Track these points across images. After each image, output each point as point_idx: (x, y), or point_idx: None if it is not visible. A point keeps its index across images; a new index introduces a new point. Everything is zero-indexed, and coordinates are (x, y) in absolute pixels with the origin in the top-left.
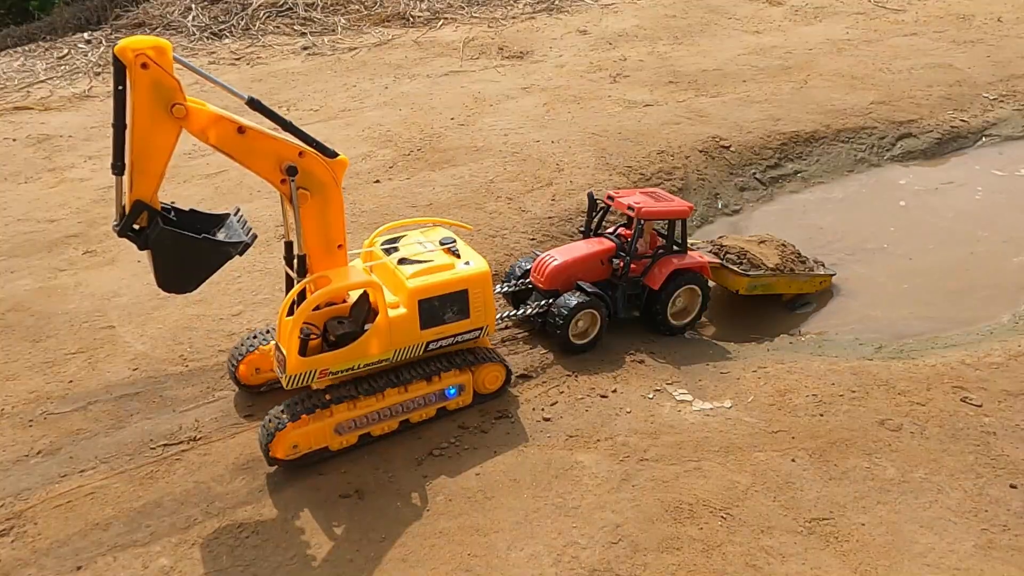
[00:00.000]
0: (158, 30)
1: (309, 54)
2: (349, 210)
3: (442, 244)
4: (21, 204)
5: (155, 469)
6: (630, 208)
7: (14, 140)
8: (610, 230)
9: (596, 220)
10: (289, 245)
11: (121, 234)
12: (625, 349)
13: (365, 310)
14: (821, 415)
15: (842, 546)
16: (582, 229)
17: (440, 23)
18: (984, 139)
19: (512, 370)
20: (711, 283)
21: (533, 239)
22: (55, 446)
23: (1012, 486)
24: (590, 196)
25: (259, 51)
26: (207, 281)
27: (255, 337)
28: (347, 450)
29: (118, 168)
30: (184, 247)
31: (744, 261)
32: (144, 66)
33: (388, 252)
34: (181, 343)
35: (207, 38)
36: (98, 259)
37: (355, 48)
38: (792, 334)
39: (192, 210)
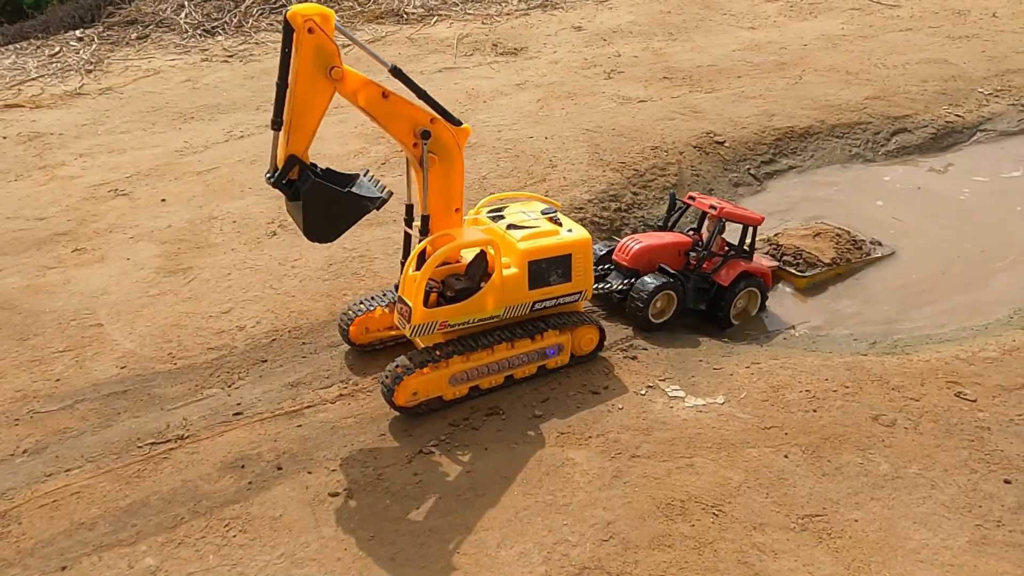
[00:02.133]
0: (151, 27)
1: None
2: None
3: (544, 214)
4: (11, 202)
5: (142, 468)
6: (712, 207)
7: (4, 138)
8: (687, 229)
9: (674, 219)
10: (410, 208)
11: (275, 185)
12: (618, 345)
13: (482, 268)
14: (814, 411)
15: (835, 542)
16: (660, 224)
17: (434, 20)
18: (979, 134)
19: (606, 334)
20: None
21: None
22: (41, 445)
23: (1006, 481)
24: (672, 196)
25: (252, 48)
26: (197, 279)
27: (363, 302)
28: (458, 400)
29: (277, 124)
30: (330, 199)
31: (800, 260)
32: (310, 31)
33: (495, 220)
34: (170, 341)
35: (200, 35)
36: (87, 257)
37: (349, 45)
38: (785, 330)
39: (328, 169)
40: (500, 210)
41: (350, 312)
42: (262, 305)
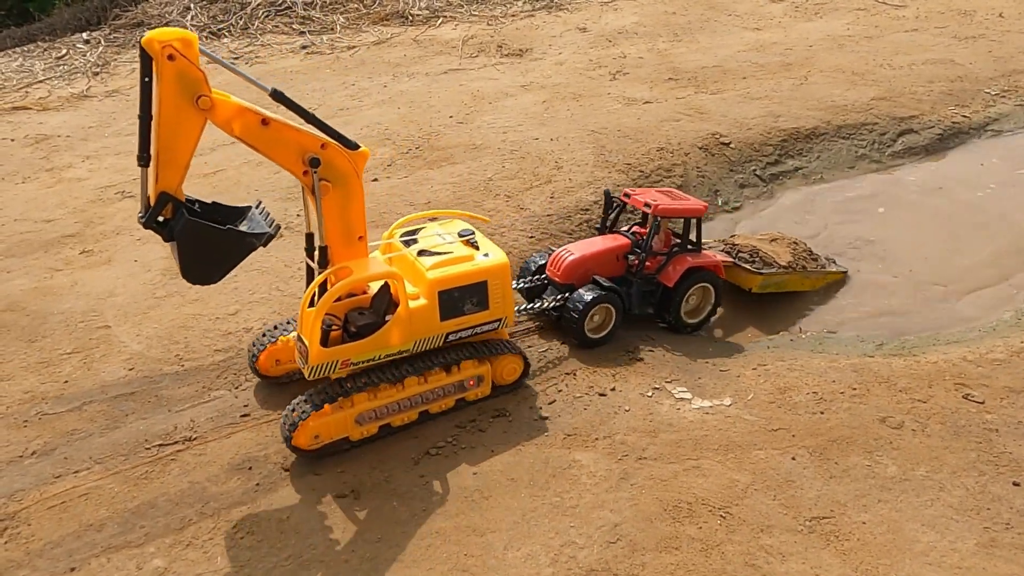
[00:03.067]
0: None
1: (308, 53)
2: None
3: (461, 236)
4: (18, 204)
5: (150, 469)
6: (647, 205)
7: (12, 140)
8: (624, 228)
9: (612, 217)
10: (310, 237)
11: (147, 225)
12: (624, 347)
13: (386, 301)
14: (821, 413)
15: (843, 545)
16: (598, 226)
17: (439, 21)
18: (986, 134)
19: (530, 362)
20: (724, 282)
21: (532, 237)
22: (49, 446)
23: (1015, 483)
24: (607, 194)
25: (258, 50)
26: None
27: (276, 328)
28: (367, 440)
29: (144, 160)
30: (209, 238)
31: (757, 259)
32: (171, 58)
33: (407, 244)
34: (177, 343)
35: (206, 37)
36: (94, 259)
37: (354, 47)
38: (791, 331)
39: (215, 203)
40: (415, 232)
41: (258, 343)
42: (269, 307)
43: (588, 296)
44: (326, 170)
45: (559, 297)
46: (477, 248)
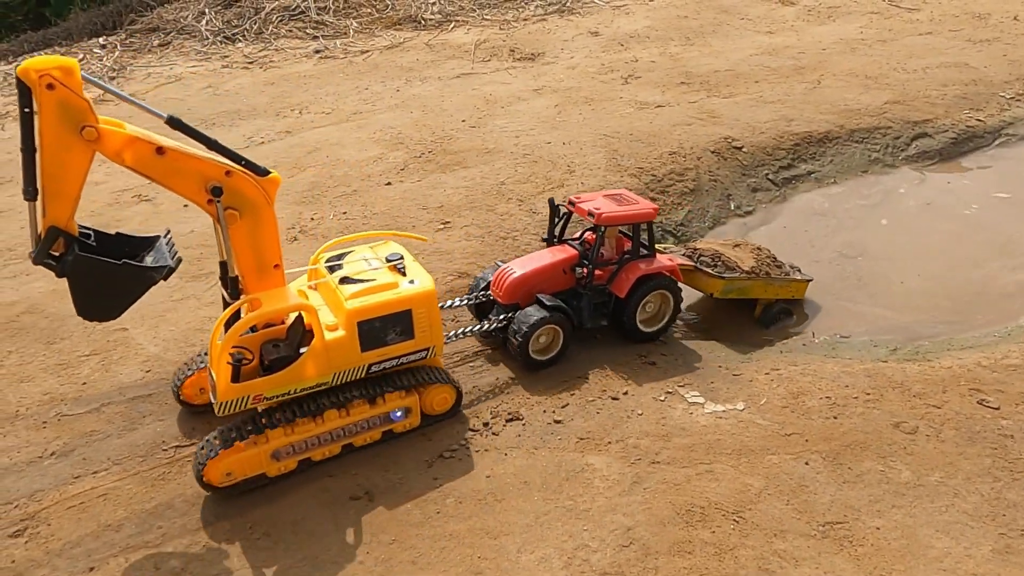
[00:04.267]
0: (172, 34)
1: (321, 57)
2: (360, 212)
3: (388, 261)
4: None
5: (167, 471)
6: (590, 214)
7: None
8: (577, 235)
9: (559, 226)
10: (223, 265)
11: (37, 262)
12: (636, 351)
13: (300, 333)
14: (835, 418)
15: (856, 550)
16: (544, 237)
17: (452, 26)
18: (1001, 138)
19: (462, 391)
20: (684, 286)
21: (545, 240)
22: (68, 447)
23: None
24: (551, 202)
25: (272, 55)
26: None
27: (200, 356)
28: (287, 475)
29: (30, 193)
30: (102, 273)
31: (719, 264)
32: (50, 87)
33: (332, 269)
34: (194, 345)
35: (220, 42)
36: None
37: (367, 51)
38: (802, 334)
39: (119, 233)
40: (342, 256)
41: (181, 372)
42: None
43: (531, 318)
44: (232, 198)
45: (503, 318)
46: (404, 274)
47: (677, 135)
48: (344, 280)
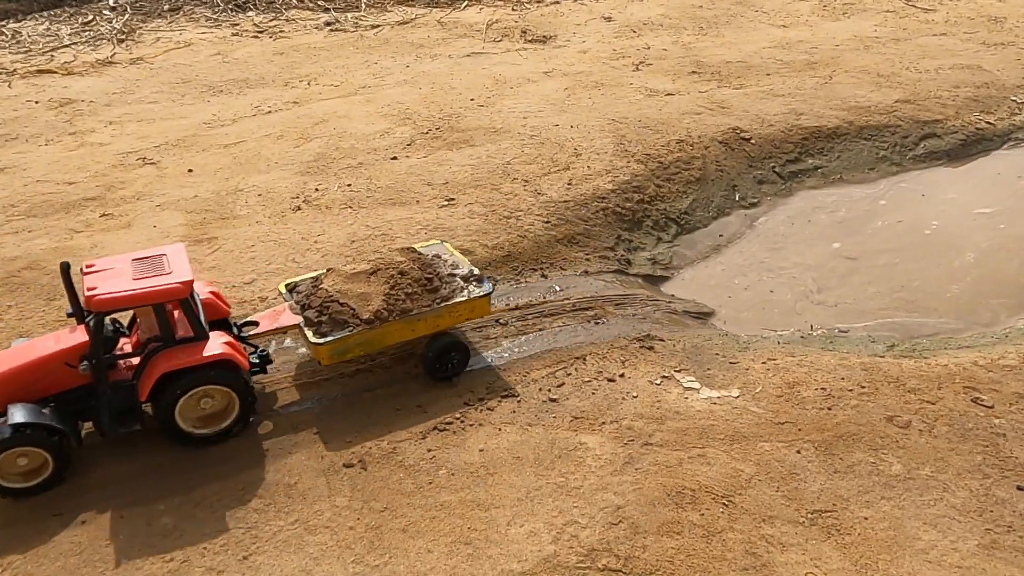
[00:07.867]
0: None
1: (332, 30)
2: (365, 185)
3: None
4: (41, 165)
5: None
6: (87, 296)
7: (36, 103)
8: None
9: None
10: None
11: None
12: (634, 334)
13: None
14: (829, 409)
15: (844, 539)
16: (69, 311)
17: (464, 4)
18: (1010, 142)
19: None
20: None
21: (548, 222)
22: None
23: (1020, 488)
24: (63, 267)
25: (282, 25)
26: (221, 249)
27: None
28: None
29: None
30: None
31: (326, 315)
32: None
33: None
34: None
35: (231, 10)
36: (114, 222)
37: (378, 26)
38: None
39: None
40: None
41: None
42: (284, 277)
43: (2, 434)
44: None
45: None
46: None
47: (685, 124)
48: None
